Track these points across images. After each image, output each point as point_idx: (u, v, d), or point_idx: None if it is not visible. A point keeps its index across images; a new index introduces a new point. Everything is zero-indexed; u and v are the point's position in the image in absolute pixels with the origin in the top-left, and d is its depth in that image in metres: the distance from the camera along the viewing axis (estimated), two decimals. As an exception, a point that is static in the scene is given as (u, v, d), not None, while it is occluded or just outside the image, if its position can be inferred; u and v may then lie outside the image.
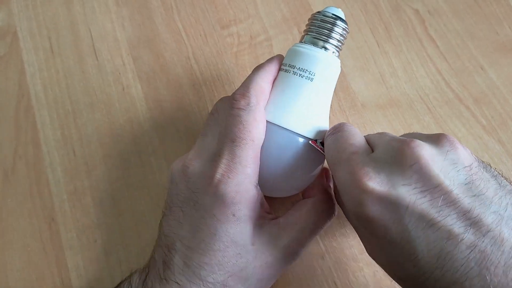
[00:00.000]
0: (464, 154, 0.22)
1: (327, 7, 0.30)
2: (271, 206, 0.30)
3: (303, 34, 0.30)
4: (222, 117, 0.28)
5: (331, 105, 0.37)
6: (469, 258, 0.20)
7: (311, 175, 0.30)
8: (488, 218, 0.20)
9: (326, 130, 0.29)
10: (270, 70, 0.29)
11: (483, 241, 0.20)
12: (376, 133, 0.27)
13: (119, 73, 0.39)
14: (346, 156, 0.24)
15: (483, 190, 0.21)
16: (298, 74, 0.28)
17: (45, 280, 0.33)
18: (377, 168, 0.22)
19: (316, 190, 0.30)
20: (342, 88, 0.38)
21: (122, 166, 0.36)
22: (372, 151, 0.25)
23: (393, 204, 0.21)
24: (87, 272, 0.33)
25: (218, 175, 0.25)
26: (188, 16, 0.41)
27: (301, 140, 0.28)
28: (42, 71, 0.39)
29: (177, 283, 0.25)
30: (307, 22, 0.30)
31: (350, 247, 0.32)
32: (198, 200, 0.26)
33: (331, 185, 0.31)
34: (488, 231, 0.20)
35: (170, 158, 0.36)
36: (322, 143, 0.28)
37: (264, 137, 0.27)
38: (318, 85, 0.29)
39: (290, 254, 0.28)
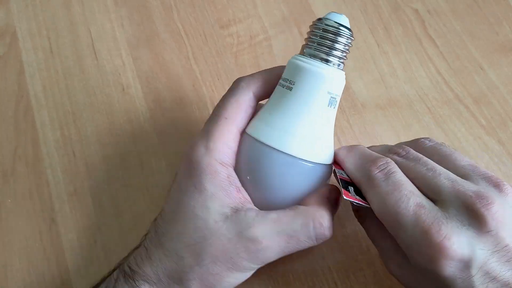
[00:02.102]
0: None
1: (329, 14, 0.27)
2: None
3: (303, 44, 0.28)
4: None
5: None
6: None
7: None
8: None
9: (332, 151, 0.28)
10: (273, 70, 0.29)
11: None
12: (418, 167, 0.25)
13: (119, 73, 0.39)
14: (412, 212, 0.23)
15: None
16: (298, 91, 0.26)
17: (45, 281, 0.32)
18: (455, 229, 0.23)
19: (314, 201, 0.27)
20: (342, 88, 0.38)
21: (122, 167, 0.36)
22: (431, 199, 0.24)
23: (468, 265, 0.22)
24: (87, 273, 0.33)
25: (187, 149, 0.27)
26: (187, 16, 0.41)
27: (306, 165, 0.26)
28: (42, 71, 0.39)
29: (145, 247, 0.27)
30: (308, 30, 0.28)
31: (351, 247, 0.32)
32: (177, 174, 0.28)
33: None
34: None
35: (170, 159, 0.36)
36: (345, 183, 0.27)
37: (246, 121, 0.28)
38: (322, 104, 0.26)
39: (254, 252, 0.25)
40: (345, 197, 0.25)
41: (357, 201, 0.26)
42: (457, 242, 0.22)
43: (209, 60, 0.39)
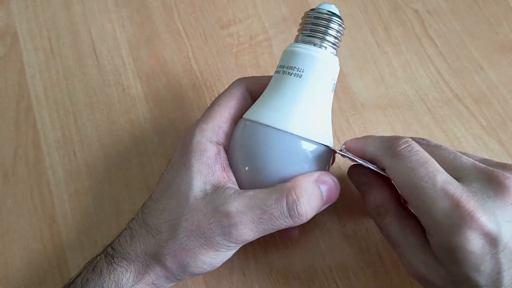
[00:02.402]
0: None
1: (320, 4, 0.29)
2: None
3: (297, 34, 0.29)
4: None
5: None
6: None
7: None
8: None
9: (330, 131, 0.28)
10: (269, 76, 0.30)
11: None
12: (439, 150, 0.26)
13: (119, 74, 0.39)
14: (439, 187, 0.23)
15: None
16: (294, 74, 0.27)
17: (46, 281, 0.33)
18: (482, 202, 0.23)
19: (297, 178, 0.26)
20: (342, 88, 0.38)
21: (122, 167, 0.36)
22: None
23: (495, 240, 0.22)
24: (87, 272, 0.33)
25: (184, 136, 0.29)
26: (187, 16, 0.41)
27: (304, 143, 0.27)
28: (42, 72, 0.39)
29: (130, 227, 0.28)
30: (301, 21, 0.29)
31: (351, 247, 0.32)
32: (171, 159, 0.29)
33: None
34: None
35: (170, 158, 0.36)
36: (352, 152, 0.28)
37: (238, 108, 0.29)
38: (317, 85, 0.28)
39: (226, 227, 0.25)
40: (338, 152, 0.28)
41: (349, 156, 0.27)
42: (484, 212, 0.22)
43: (209, 60, 0.40)
